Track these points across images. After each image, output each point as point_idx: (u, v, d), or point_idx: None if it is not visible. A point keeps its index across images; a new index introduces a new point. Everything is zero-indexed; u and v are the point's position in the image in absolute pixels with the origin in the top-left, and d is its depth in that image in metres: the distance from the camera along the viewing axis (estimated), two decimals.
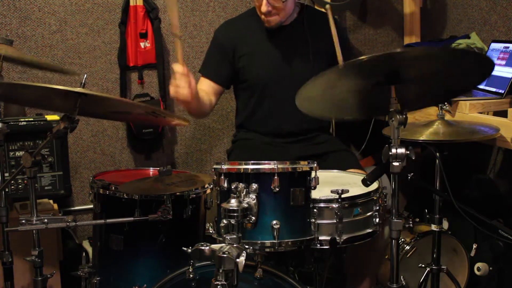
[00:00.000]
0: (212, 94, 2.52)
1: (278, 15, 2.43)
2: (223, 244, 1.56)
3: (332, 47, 2.47)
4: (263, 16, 2.46)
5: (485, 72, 1.73)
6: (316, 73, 2.59)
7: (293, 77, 2.50)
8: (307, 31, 2.53)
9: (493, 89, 2.46)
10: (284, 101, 2.49)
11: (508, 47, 2.50)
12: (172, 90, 2.21)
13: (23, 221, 1.81)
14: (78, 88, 1.68)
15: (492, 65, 1.64)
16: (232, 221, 1.60)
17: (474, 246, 2.63)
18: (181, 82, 2.17)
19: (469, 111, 2.35)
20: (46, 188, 2.50)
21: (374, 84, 1.72)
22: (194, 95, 2.23)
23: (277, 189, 1.75)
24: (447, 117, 2.33)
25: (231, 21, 2.69)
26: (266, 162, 1.77)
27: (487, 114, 2.38)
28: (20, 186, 2.45)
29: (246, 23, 2.58)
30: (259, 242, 1.76)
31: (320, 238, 1.83)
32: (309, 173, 1.81)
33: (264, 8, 2.39)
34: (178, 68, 2.17)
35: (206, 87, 2.53)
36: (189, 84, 2.18)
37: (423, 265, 2.33)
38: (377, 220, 1.94)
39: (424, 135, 2.17)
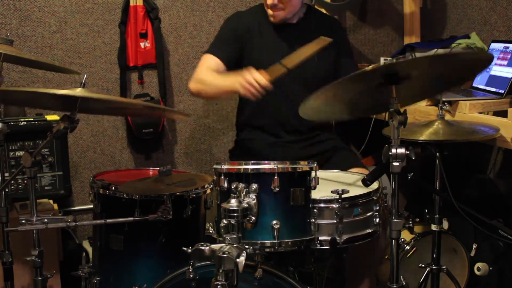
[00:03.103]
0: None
1: (283, 10, 2.45)
2: (223, 244, 1.56)
3: (336, 49, 2.48)
4: (269, 11, 2.47)
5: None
6: (321, 72, 2.60)
7: (299, 74, 2.49)
8: (314, 31, 2.52)
9: (493, 89, 2.46)
10: (290, 97, 2.48)
11: (508, 47, 2.50)
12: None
13: (23, 221, 1.80)
14: (78, 89, 1.67)
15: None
16: (232, 221, 1.60)
17: (474, 246, 2.63)
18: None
19: (469, 111, 2.35)
20: (46, 188, 2.50)
21: (374, 86, 1.73)
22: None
23: (277, 189, 1.75)
24: (447, 117, 2.33)
25: (242, 13, 2.70)
26: (266, 162, 1.78)
27: (487, 114, 2.38)
28: (20, 186, 2.45)
29: (256, 17, 2.58)
30: (259, 242, 1.77)
31: (320, 238, 1.84)
32: (309, 173, 1.81)
33: (270, 0, 2.40)
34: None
35: (211, 64, 2.49)
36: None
37: (423, 265, 2.33)
38: (377, 220, 1.94)
39: (424, 135, 2.16)
